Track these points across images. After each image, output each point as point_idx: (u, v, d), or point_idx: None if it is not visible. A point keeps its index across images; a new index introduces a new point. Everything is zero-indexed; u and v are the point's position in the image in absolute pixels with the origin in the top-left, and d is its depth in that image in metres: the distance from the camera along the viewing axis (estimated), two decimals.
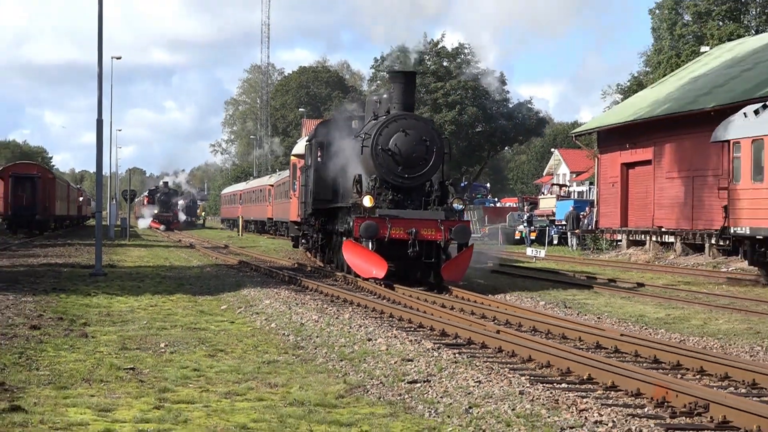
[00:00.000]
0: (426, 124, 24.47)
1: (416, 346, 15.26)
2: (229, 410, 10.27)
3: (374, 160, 23.87)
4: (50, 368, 12.73)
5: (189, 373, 12.53)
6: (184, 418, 9.79)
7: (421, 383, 12.05)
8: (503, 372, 13.01)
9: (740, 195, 30.53)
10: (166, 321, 18.31)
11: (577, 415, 10.24)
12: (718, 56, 55.07)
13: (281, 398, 10.98)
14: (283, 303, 21.73)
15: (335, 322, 18.25)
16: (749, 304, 23.36)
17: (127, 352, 14.33)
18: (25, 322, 17.38)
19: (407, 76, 24.50)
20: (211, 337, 16.25)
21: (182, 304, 21.86)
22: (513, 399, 11.05)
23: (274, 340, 15.98)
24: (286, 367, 13.26)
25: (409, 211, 24.18)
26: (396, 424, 9.77)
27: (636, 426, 9.79)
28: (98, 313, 19.49)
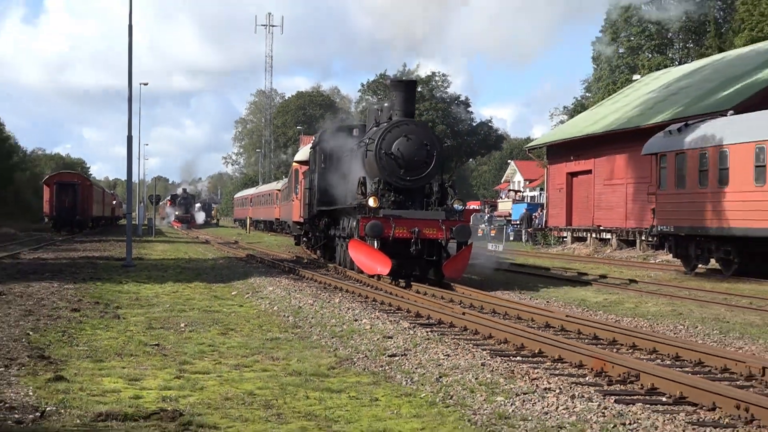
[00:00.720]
0: (427, 130, 23.06)
1: (395, 325, 15.25)
2: (239, 379, 10.26)
3: (378, 164, 22.04)
4: (88, 344, 12.70)
5: (204, 349, 12.50)
6: (200, 386, 9.78)
7: (399, 357, 12.05)
8: (468, 347, 13.04)
9: (665, 199, 30.78)
10: (186, 305, 18.25)
11: (530, 383, 10.26)
12: (648, 83, 55.19)
13: (282, 369, 10.96)
14: (283, 289, 21.67)
15: (327, 305, 18.22)
16: (673, 290, 23.41)
17: (152, 330, 14.30)
18: (66, 306, 17.30)
19: (408, 85, 23.12)
20: (223, 318, 16.21)
21: (199, 290, 21.80)
22: (476, 370, 11.06)
23: (276, 321, 15.95)
24: (286, 343, 13.24)
25: (411, 211, 22.35)
26: (378, 391, 9.76)
27: (579, 392, 9.79)
28: (128, 298, 19.44)
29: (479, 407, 9.07)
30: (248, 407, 8.80)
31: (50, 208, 67.02)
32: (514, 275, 29.54)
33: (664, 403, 9.55)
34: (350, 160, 26.35)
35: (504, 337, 13.81)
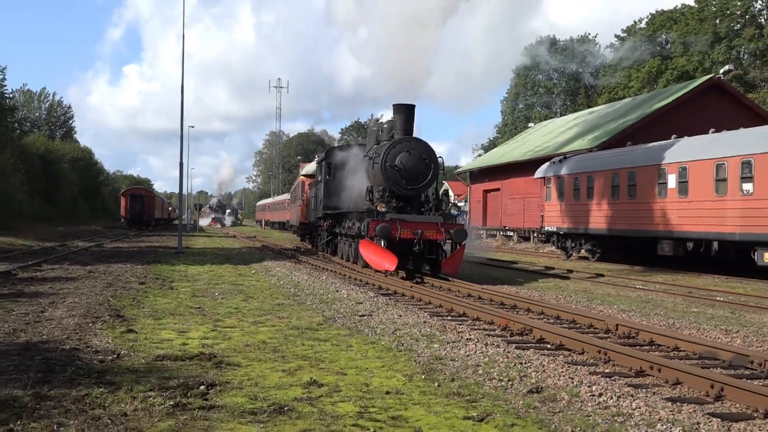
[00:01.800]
0: (425, 146, 20.13)
1: (364, 294, 15.23)
2: (255, 332, 10.21)
3: (384, 174, 19.41)
4: (150, 307, 12.60)
5: (231, 310, 12.43)
6: (228, 337, 9.74)
7: (366, 316, 12.02)
8: (414, 310, 13.03)
9: (550, 208, 31.14)
10: (218, 280, 18.16)
11: (457, 335, 10.27)
12: (538, 129, 55.49)
13: (285, 325, 10.91)
14: (287, 270, 21.60)
15: (317, 281, 18.20)
16: (557, 271, 23.51)
17: (195, 298, 14.21)
18: (136, 280, 17.19)
19: (408, 107, 20.37)
20: (245, 289, 16.13)
21: (228, 270, 21.69)
22: (420, 325, 11.06)
23: (282, 291, 15.89)
24: (288, 307, 13.19)
25: (413, 215, 19.62)
26: (352, 340, 9.74)
27: (490, 341, 9.83)
28: (179, 275, 19.32)
29: (422, 351, 9.08)
30: (261, 351, 8.77)
31: (125, 212, 67.27)
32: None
33: (548, 349, 9.59)
34: (355, 171, 23.27)
35: (439, 303, 13.82)
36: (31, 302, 12.76)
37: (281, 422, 5.85)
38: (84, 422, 5.68)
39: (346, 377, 7.50)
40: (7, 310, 11.69)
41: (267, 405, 6.30)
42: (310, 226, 35.61)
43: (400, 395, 6.82)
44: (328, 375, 7.56)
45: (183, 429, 5.61)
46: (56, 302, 12.79)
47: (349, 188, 23.34)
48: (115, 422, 5.71)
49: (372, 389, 7.02)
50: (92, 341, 9.10)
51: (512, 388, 7.33)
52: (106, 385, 6.82)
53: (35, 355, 8.18)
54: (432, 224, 18.74)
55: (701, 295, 16.92)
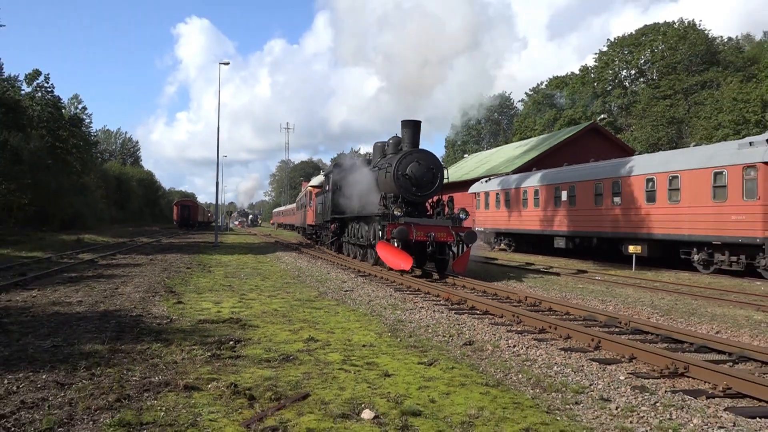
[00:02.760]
0: (433, 157, 17.23)
1: (348, 275, 15.17)
2: (270, 302, 10.12)
3: (396, 182, 16.55)
4: (194, 285, 12.45)
5: (253, 287, 12.31)
6: (250, 306, 9.63)
7: (349, 291, 11.97)
8: (383, 287, 12.99)
9: (479, 215, 31.15)
10: (243, 265, 17.99)
11: (413, 305, 10.25)
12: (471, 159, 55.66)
13: (291, 298, 10.84)
14: (293, 258, 21.46)
15: (314, 266, 18.09)
16: (485, 258, 23.58)
17: (227, 278, 14.06)
18: (184, 265, 16.98)
19: (415, 123, 17.47)
20: (263, 271, 15.99)
21: (251, 258, 21.49)
22: (387, 298, 11.03)
23: (289, 273, 15.78)
24: (293, 285, 13.10)
25: (424, 218, 16.66)
26: (339, 308, 9.69)
27: (437, 309, 9.82)
28: (215, 262, 19.10)
29: (388, 316, 9.05)
30: (274, 316, 8.70)
31: (177, 217, 66.48)
32: None
33: (478, 314, 9.60)
34: (362, 181, 19.61)
35: (401, 281, 13.77)
36: (108, 281, 12.59)
37: (288, 367, 5.81)
38: (146, 368, 5.62)
39: (335, 335, 7.47)
40: (90, 287, 11.53)
41: (278, 355, 6.25)
42: (317, 228, 32.18)
43: (373, 347, 6.81)
44: (322, 333, 7.52)
45: (218, 372, 5.55)
46: (126, 282, 12.62)
47: (356, 196, 19.95)
48: (168, 368, 5.65)
49: (353, 343, 7.00)
50: (152, 310, 8.99)
51: (452, 342, 7.34)
52: (162, 341, 6.74)
53: (111, 319, 8.09)
54: (443, 227, 15.82)
55: (585, 275, 17.07)
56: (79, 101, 58.81)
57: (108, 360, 5.85)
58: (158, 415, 4.35)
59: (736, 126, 37.07)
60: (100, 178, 52.86)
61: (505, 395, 5.11)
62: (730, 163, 16.55)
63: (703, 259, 17.45)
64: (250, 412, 4.49)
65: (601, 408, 4.91)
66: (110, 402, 4.59)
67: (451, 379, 5.55)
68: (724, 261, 16.78)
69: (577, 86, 59.55)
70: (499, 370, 6.03)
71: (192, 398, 4.76)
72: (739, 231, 16.07)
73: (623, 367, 6.29)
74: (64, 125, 42.28)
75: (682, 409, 4.90)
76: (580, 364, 6.29)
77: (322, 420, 4.36)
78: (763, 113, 35.14)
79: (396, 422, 4.34)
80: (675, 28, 52.45)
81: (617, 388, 5.47)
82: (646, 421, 4.63)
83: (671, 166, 18.72)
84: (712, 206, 16.93)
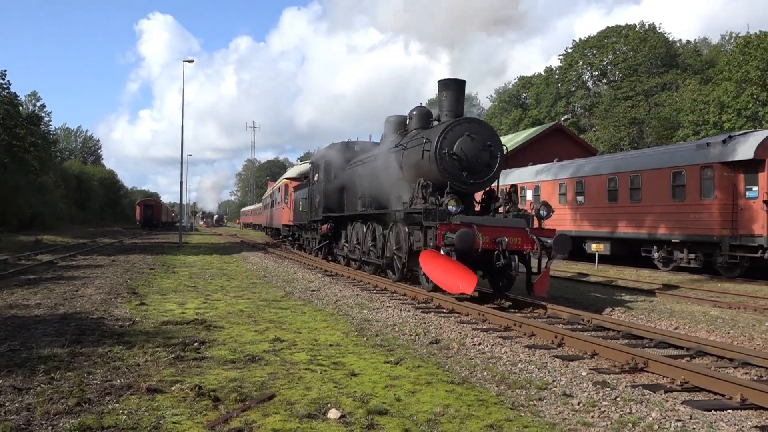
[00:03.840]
0: (490, 130, 11.70)
1: (314, 275, 15.12)
2: (235, 303, 10.03)
3: (438, 165, 11.12)
4: (158, 286, 12.27)
5: (218, 288, 12.19)
6: (215, 307, 9.53)
7: (316, 291, 11.93)
8: (350, 286, 12.97)
9: None
10: (209, 266, 17.79)
11: (380, 304, 10.27)
12: None
13: (257, 298, 10.76)
14: (259, 258, 21.32)
15: (281, 266, 17.99)
16: None
17: (191, 279, 13.89)
18: (147, 266, 16.70)
19: (458, 83, 11.84)
20: (228, 272, 15.84)
21: (216, 258, 21.26)
22: (354, 297, 11.03)
23: (255, 274, 15.66)
24: (259, 285, 13.01)
25: (487, 217, 11.18)
26: (306, 309, 9.66)
27: (403, 308, 9.85)
28: (179, 262, 18.85)
29: (355, 315, 9.06)
30: (239, 317, 8.63)
31: (139, 216, 65.31)
32: None
33: (444, 312, 9.67)
34: (378, 166, 13.96)
35: (368, 281, 13.77)
36: (68, 283, 12.31)
37: (254, 368, 5.78)
38: (107, 371, 5.52)
39: (301, 335, 7.45)
40: (50, 289, 11.27)
41: (243, 356, 6.21)
42: (296, 229, 26.46)
43: (340, 347, 6.81)
44: (288, 333, 7.49)
45: (182, 374, 5.49)
46: (87, 283, 12.37)
47: (366, 186, 15.04)
48: (131, 370, 5.56)
49: (319, 343, 6.99)
50: (114, 312, 8.83)
51: (419, 340, 7.38)
52: (124, 343, 6.63)
53: (71, 322, 7.92)
54: (518, 230, 10.46)
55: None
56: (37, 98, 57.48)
57: (68, 364, 5.73)
58: (120, 419, 4.29)
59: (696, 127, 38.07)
60: (60, 177, 51.77)
61: (471, 393, 5.17)
62: (689, 163, 17.01)
63: (663, 256, 17.90)
64: (215, 413, 4.45)
65: (564, 403, 5.01)
66: (70, 406, 4.50)
67: (417, 377, 5.59)
68: (683, 258, 17.24)
69: (542, 87, 60.38)
70: (464, 368, 6.09)
71: (155, 401, 4.69)
72: (697, 230, 16.52)
73: (585, 363, 6.42)
74: (21, 123, 41.17)
75: (642, 403, 5.03)
76: (544, 361, 6.40)
77: (287, 420, 4.35)
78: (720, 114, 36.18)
79: (362, 421, 4.36)
80: (636, 30, 53.61)
81: (579, 384, 5.58)
82: (606, 415, 4.74)
83: (632, 166, 19.14)
84: (671, 205, 17.38)
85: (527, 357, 6.59)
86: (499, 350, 6.90)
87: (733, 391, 5.20)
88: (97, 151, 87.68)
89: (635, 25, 54.76)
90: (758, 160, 15.26)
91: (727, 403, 5.10)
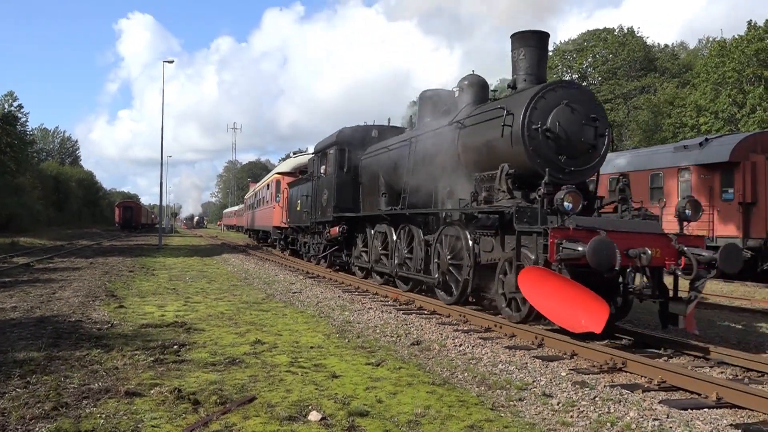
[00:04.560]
0: (593, 98, 8.08)
1: (296, 277, 15.09)
2: (216, 306, 9.96)
3: (526, 146, 7.61)
4: (137, 288, 12.15)
5: (198, 290, 12.10)
6: (196, 309, 9.46)
7: (297, 293, 11.90)
8: (332, 288, 12.97)
9: None
10: (189, 268, 17.65)
11: (362, 305, 10.28)
12: None
13: (238, 300, 10.70)
14: (240, 260, 21.21)
15: (262, 268, 17.92)
16: None
17: (171, 281, 13.77)
18: (126, 269, 16.53)
19: (541, 37, 8.35)
20: (209, 274, 15.73)
21: (196, 260, 21.12)
22: (336, 299, 11.03)
23: (236, 276, 15.58)
24: (240, 287, 12.94)
25: (612, 219, 7.51)
26: (287, 311, 9.63)
27: (385, 309, 9.87)
28: (159, 264, 18.68)
29: (337, 317, 9.06)
30: (220, 319, 8.58)
31: (119, 218, 64.80)
32: None
33: (425, 314, 9.69)
34: (420, 150, 10.95)
35: (349, 282, 13.76)
36: (45, 286, 12.14)
37: (234, 370, 5.74)
38: (85, 374, 5.45)
39: (282, 337, 7.42)
40: (26, 292, 11.10)
41: (224, 358, 6.17)
42: (291, 232, 22.51)
43: (321, 349, 6.80)
44: (269, 336, 7.46)
45: (161, 377, 5.44)
46: (64, 286, 12.20)
47: (394, 179, 12.37)
48: (109, 374, 5.50)
49: (300, 345, 6.97)
50: (92, 315, 8.72)
51: (400, 342, 7.40)
52: (102, 347, 6.55)
53: (48, 325, 7.81)
54: (657, 237, 7.19)
55: None
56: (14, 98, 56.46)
57: (44, 367, 5.65)
58: (97, 423, 4.24)
59: (675, 129, 38.60)
60: (37, 178, 51.08)
61: (451, 394, 5.19)
62: (667, 165, 17.25)
63: None
64: (194, 416, 4.42)
65: (544, 404, 5.05)
66: (46, 411, 4.44)
67: (398, 379, 5.60)
68: None
69: None
70: (445, 369, 6.11)
71: (133, 404, 4.64)
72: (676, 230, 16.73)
73: (565, 364, 6.47)
74: None
75: (620, 402, 5.08)
76: (524, 362, 6.44)
77: (268, 423, 4.33)
78: (698, 117, 36.71)
79: (343, 423, 4.35)
80: (615, 35, 54.24)
81: (559, 384, 5.62)
82: (585, 415, 4.78)
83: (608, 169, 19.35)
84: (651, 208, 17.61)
85: (508, 358, 6.63)
86: (480, 351, 6.93)
87: (709, 390, 5.27)
88: (76, 152, 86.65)
89: (614, 29, 55.42)
90: (734, 163, 15.51)
91: (703, 402, 5.17)
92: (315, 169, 17.39)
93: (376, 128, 15.13)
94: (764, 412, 4.83)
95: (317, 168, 17.06)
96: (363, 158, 14.40)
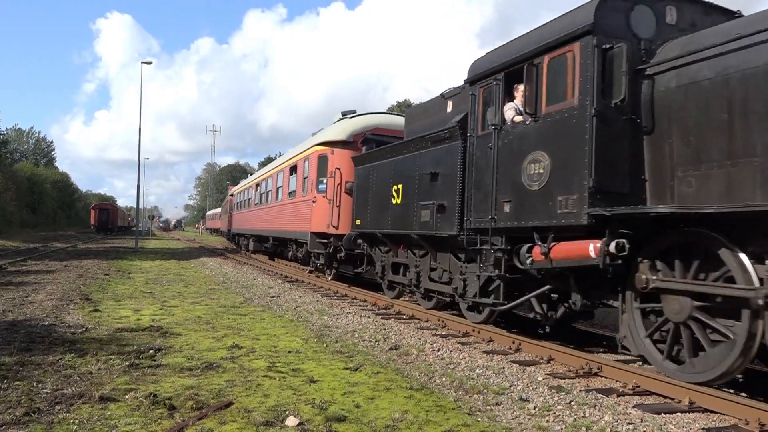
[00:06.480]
0: None
1: (274, 281, 15.02)
2: (193, 310, 9.87)
3: None
4: (112, 292, 11.98)
5: (175, 294, 11.98)
6: (172, 314, 9.36)
7: (275, 297, 11.85)
8: (310, 292, 12.95)
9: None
10: (166, 271, 17.46)
11: (340, 310, 10.27)
12: None
13: (216, 304, 10.62)
14: (218, 263, 21.04)
15: (240, 271, 17.80)
16: None
17: (148, 285, 13.60)
18: (102, 272, 16.29)
19: None
20: (186, 278, 15.58)
21: (173, 263, 20.89)
22: (315, 303, 11.00)
23: (214, 279, 15.44)
24: (218, 291, 12.84)
25: None
26: (265, 315, 9.58)
27: (364, 314, 9.88)
28: (135, 267, 18.45)
29: (315, 321, 9.03)
30: (197, 324, 8.50)
31: (94, 221, 64.07)
32: None
33: (404, 319, 9.72)
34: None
35: (328, 287, 13.76)
36: (17, 289, 11.91)
37: (211, 375, 5.69)
38: (58, 379, 5.36)
39: (260, 341, 7.38)
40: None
41: (200, 363, 6.12)
42: (336, 241, 14.25)
43: (299, 353, 6.77)
44: (247, 340, 7.42)
45: (136, 382, 5.37)
46: (38, 289, 11.99)
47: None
48: (83, 379, 5.42)
49: (278, 350, 6.94)
50: (66, 318, 8.59)
51: (378, 347, 7.40)
52: (76, 351, 6.45)
53: (20, 329, 7.66)
54: None
55: None
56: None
57: (16, 372, 5.55)
58: (71, 429, 4.17)
59: None
60: (10, 179, 50.10)
61: (429, 398, 5.20)
62: None
63: None
64: (170, 422, 4.37)
65: (520, 408, 5.08)
66: (18, 416, 4.36)
67: (376, 383, 5.60)
68: None
69: None
70: (423, 373, 6.13)
71: (108, 410, 4.58)
72: None
73: (542, 368, 6.53)
74: None
75: (595, 407, 5.14)
76: (502, 366, 6.48)
77: (245, 428, 4.30)
78: None
79: (320, 428, 4.34)
80: None
81: (536, 389, 5.67)
82: (561, 419, 4.83)
83: None
84: None
85: (485, 362, 6.67)
86: (458, 356, 6.96)
87: (681, 394, 5.35)
88: (51, 152, 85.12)
89: None
90: None
91: (675, 406, 5.25)
92: (475, 112, 8.13)
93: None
94: (735, 416, 4.92)
95: (486, 107, 8.00)
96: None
